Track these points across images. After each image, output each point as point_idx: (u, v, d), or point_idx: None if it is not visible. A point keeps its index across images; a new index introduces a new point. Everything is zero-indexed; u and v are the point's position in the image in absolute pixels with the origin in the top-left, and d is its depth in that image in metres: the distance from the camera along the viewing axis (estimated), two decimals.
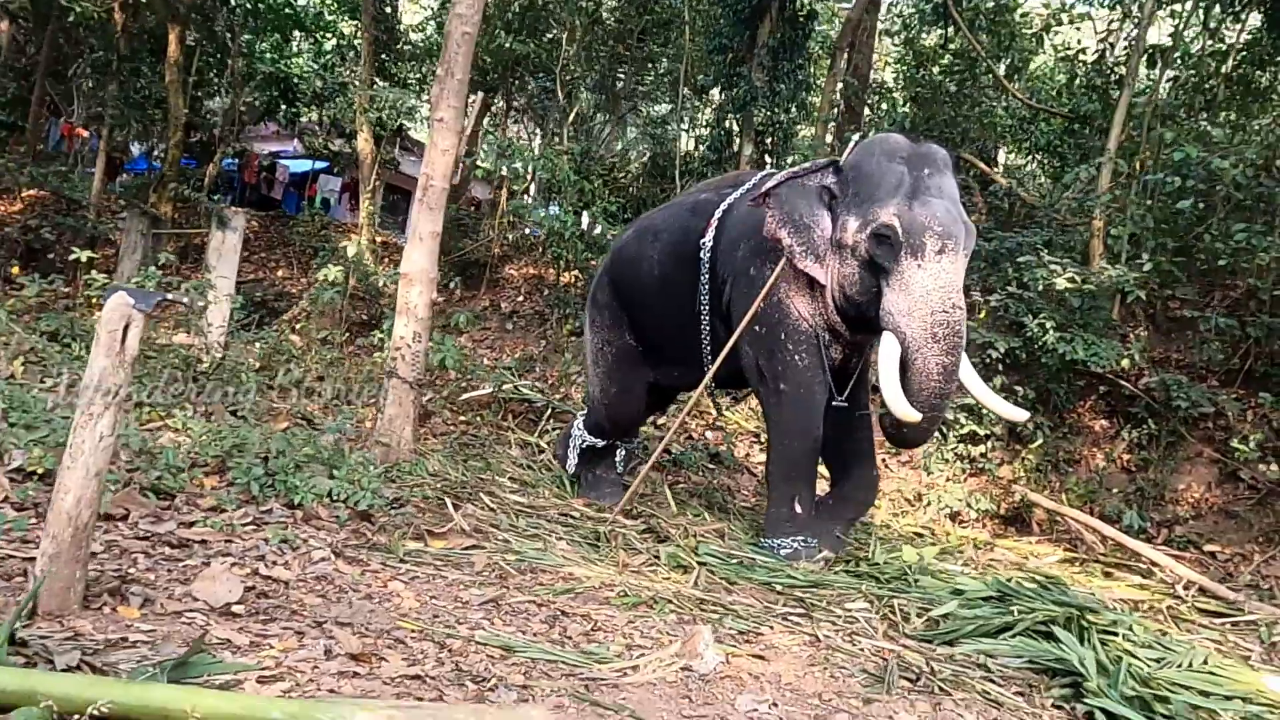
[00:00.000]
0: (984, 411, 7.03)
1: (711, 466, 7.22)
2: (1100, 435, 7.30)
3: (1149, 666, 3.31)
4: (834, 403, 4.50)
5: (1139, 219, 6.95)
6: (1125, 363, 6.77)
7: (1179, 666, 3.37)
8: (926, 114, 10.16)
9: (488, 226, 12.05)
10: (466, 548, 3.64)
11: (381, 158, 13.64)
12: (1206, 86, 7.96)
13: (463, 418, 7.31)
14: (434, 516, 4.09)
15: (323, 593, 2.69)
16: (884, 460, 7.66)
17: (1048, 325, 6.72)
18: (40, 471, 3.19)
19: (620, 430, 5.44)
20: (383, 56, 11.94)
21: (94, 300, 7.84)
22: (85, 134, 13.89)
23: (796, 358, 4.50)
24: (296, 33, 14.64)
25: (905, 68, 10.73)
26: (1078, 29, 9.45)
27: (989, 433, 7.20)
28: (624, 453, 5.81)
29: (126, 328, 2.13)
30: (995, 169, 10.86)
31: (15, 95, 13.92)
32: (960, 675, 2.95)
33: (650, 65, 12.43)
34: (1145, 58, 8.11)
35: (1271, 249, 6.10)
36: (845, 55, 9.21)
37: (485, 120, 14.25)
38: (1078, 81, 8.82)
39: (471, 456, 6.04)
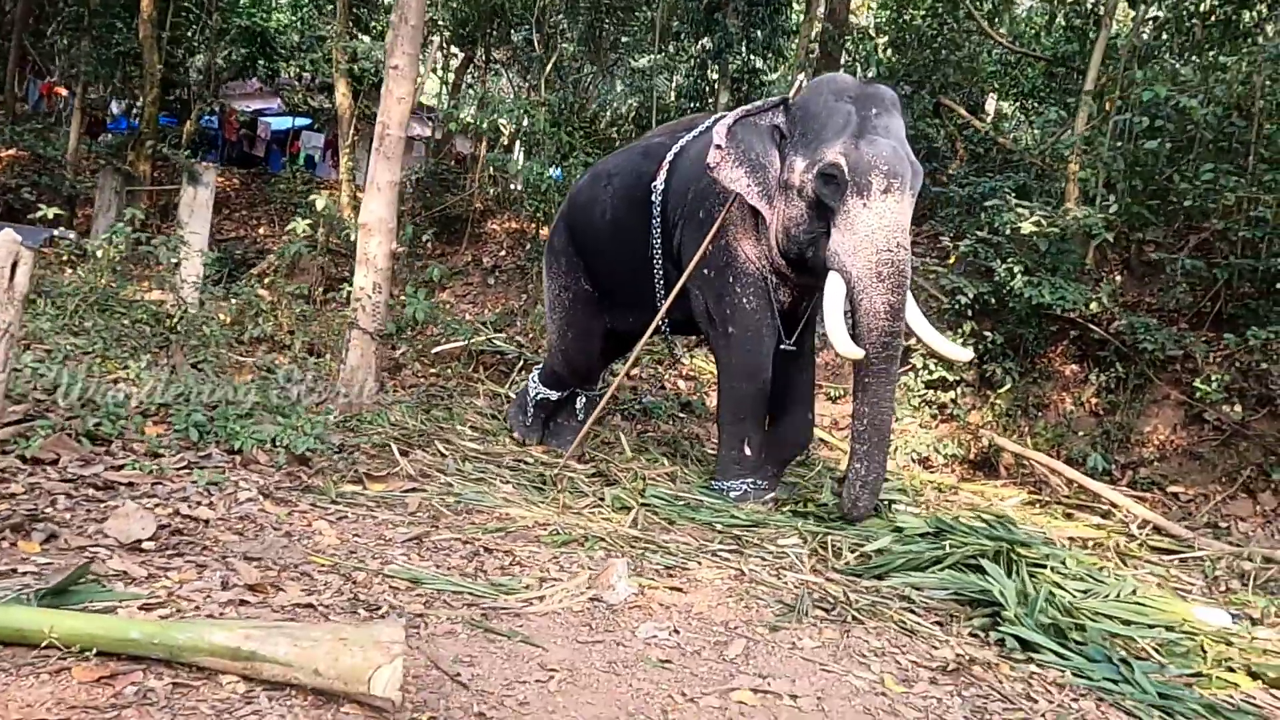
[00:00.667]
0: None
1: (682, 416, 7.26)
2: (1070, 380, 7.31)
3: (1075, 597, 3.36)
4: (782, 346, 4.51)
5: (1110, 161, 6.89)
6: (1094, 306, 6.75)
7: (1105, 598, 3.41)
8: (907, 59, 10.05)
9: (469, 181, 11.98)
10: (406, 490, 3.68)
11: (362, 112, 13.53)
12: (1186, 26, 7.83)
13: (433, 370, 7.34)
14: (382, 462, 4.12)
15: (241, 531, 2.72)
16: (832, 401, 7.70)
17: (1016, 270, 6.70)
18: None
19: (578, 377, 5.44)
20: (358, 9, 11.77)
21: (63, 257, 7.86)
22: (65, 93, 13.81)
23: (744, 300, 4.50)
24: None
25: (887, 11, 10.58)
26: None
27: (958, 378, 7.21)
28: (584, 400, 5.81)
29: (15, 265, 2.14)
30: (984, 115, 10.76)
31: None
32: (879, 605, 2.99)
33: (634, 15, 12.26)
34: None
35: (1239, 189, 6.05)
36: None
37: (468, 74, 14.10)
38: (1057, 23, 8.68)
39: (437, 407, 6.06)
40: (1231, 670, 2.96)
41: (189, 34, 12.23)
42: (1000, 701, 2.31)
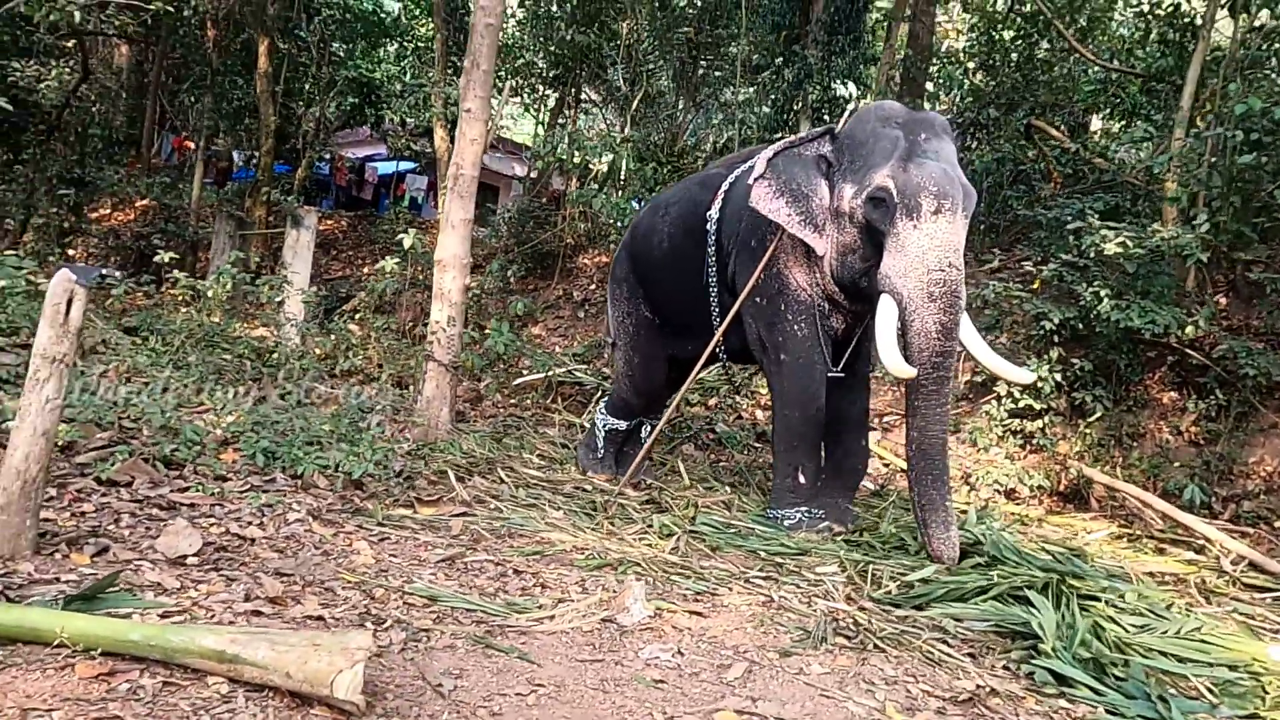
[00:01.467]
0: (1042, 386, 6.81)
1: (757, 445, 7.23)
2: (1169, 408, 6.96)
3: (1129, 632, 3.21)
4: (830, 373, 4.50)
5: (1205, 178, 6.58)
6: (1190, 330, 6.43)
7: (1164, 634, 3.25)
8: (996, 82, 9.84)
9: (561, 217, 12.29)
10: (456, 515, 3.81)
11: None
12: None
13: (513, 401, 7.54)
14: (440, 488, 4.28)
15: (283, 549, 2.89)
16: None
17: (1102, 293, 6.45)
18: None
19: (644, 405, 5.52)
20: (455, 57, 12.31)
21: (179, 297, 8.43)
22: (193, 146, 14.86)
23: (796, 328, 4.52)
24: (385, 39, 15.26)
25: (976, 34, 10.40)
26: None
27: (1045, 407, 6.95)
28: (649, 429, 5.89)
29: (70, 301, 2.36)
30: (1088, 137, 10.40)
31: (133, 113, 15.02)
32: (908, 635, 2.94)
33: (721, 50, 12.42)
34: (1226, 5, 7.64)
35: None
36: (902, 26, 8.99)
37: (567, 113, 14.50)
38: (1152, 37, 8.37)
39: (510, 436, 6.23)
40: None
41: (301, 87, 13.01)
42: None
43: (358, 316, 7.80)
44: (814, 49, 9.09)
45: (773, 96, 9.46)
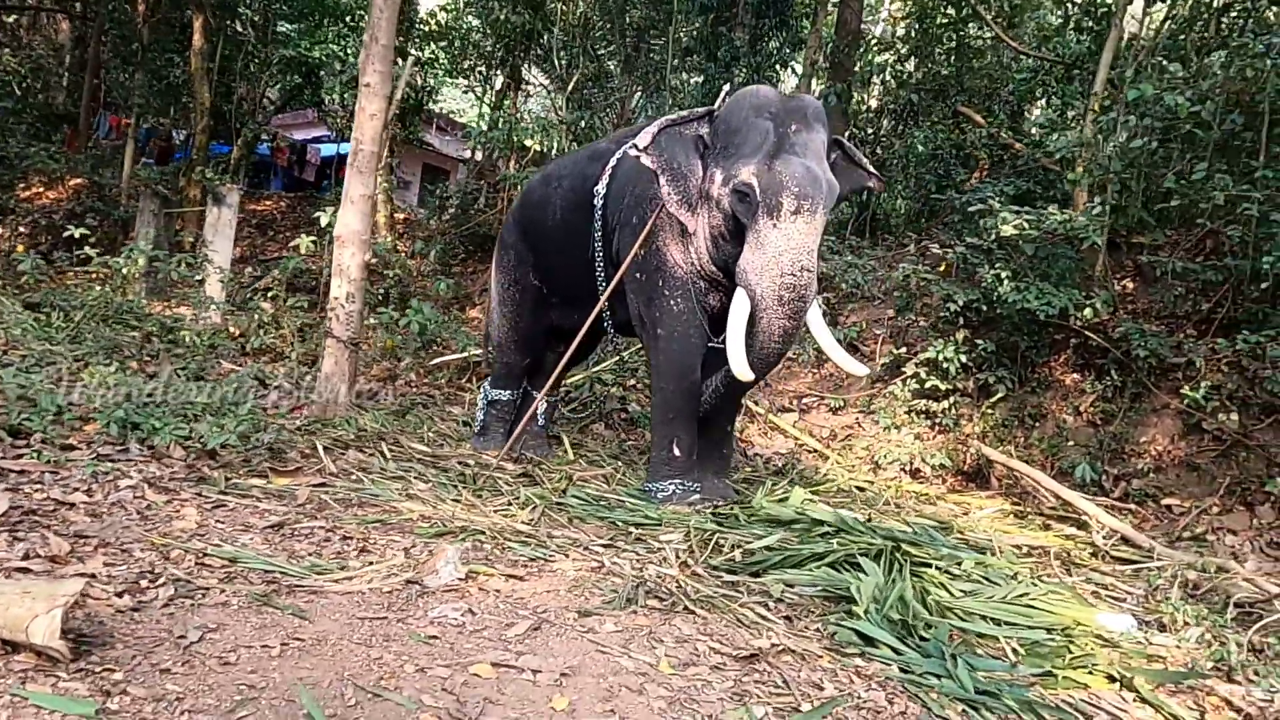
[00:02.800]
0: (948, 367, 6.92)
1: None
2: (1071, 389, 7.08)
3: (955, 596, 3.28)
4: (711, 344, 4.55)
5: (1106, 163, 6.67)
6: (1088, 312, 6.54)
7: (991, 599, 3.32)
8: (927, 68, 9.93)
9: (500, 199, 12.26)
10: (316, 485, 3.80)
11: (407, 136, 14.00)
12: (1200, 24, 7.55)
13: (428, 380, 7.53)
14: (313, 460, 4.27)
15: (100, 514, 2.88)
16: (833, 413, 7.61)
17: (1003, 275, 6.54)
18: None
19: (526, 371, 5.56)
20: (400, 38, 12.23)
21: (93, 274, 8.33)
22: (127, 122, 14.65)
23: (672, 303, 4.56)
24: (328, 20, 15.10)
25: (905, 22, 10.47)
26: None
27: (951, 387, 7.05)
28: (545, 405, 5.92)
29: None
30: (1025, 124, 10.51)
31: (74, 91, 14.78)
32: (727, 598, 2.98)
33: (662, 32, 12.42)
34: None
35: (1229, 188, 5.79)
36: (829, 10, 9.03)
37: (511, 95, 14.44)
38: (1070, 24, 8.47)
39: (415, 414, 6.22)
40: (1090, 672, 2.85)
41: (239, 66, 12.86)
42: (775, 687, 2.29)
43: (270, 294, 7.73)
44: (742, 32, 9.11)
45: (703, 79, 9.48)
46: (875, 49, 9.89)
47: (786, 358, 8.54)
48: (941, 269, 7.20)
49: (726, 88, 4.63)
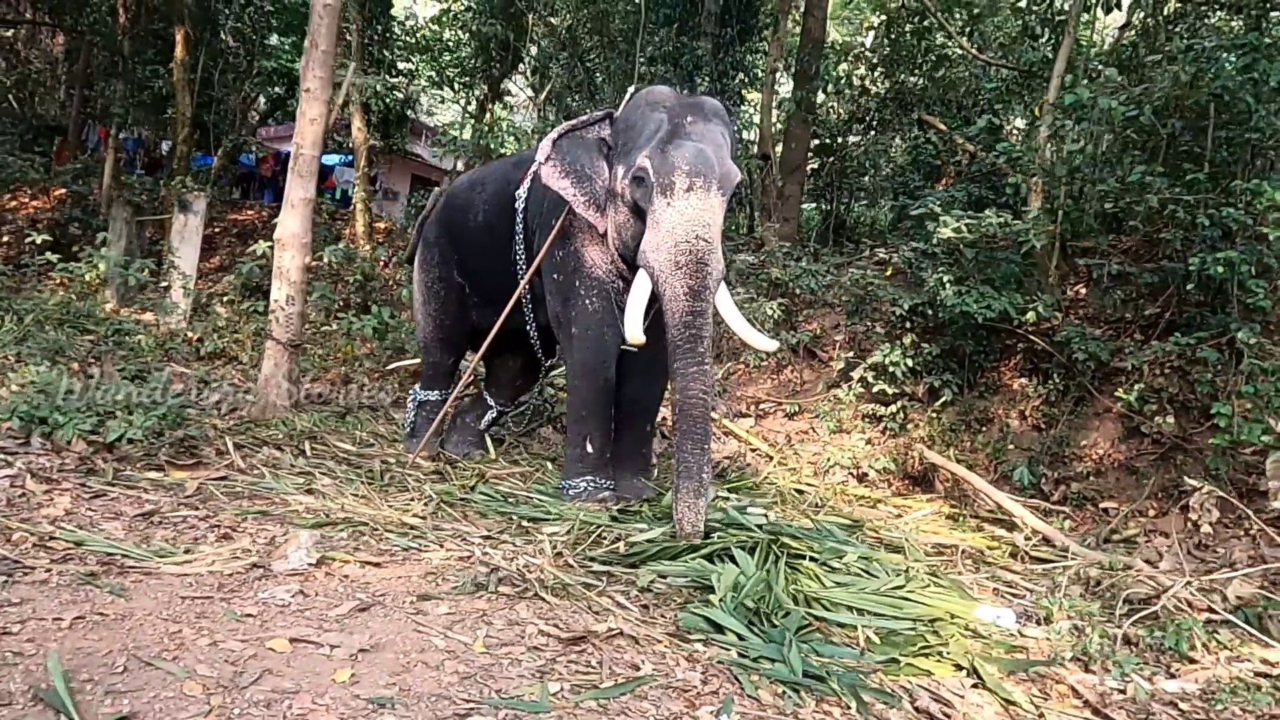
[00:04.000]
0: (895, 371, 6.94)
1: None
2: (1018, 394, 7.08)
3: (826, 587, 3.30)
4: (624, 346, 4.56)
5: (1049, 167, 6.70)
6: (1030, 316, 6.54)
7: (864, 591, 3.34)
8: (894, 78, 9.97)
9: None
10: (212, 479, 3.85)
11: (390, 148, 14.12)
12: (1149, 30, 7.58)
13: (381, 385, 7.58)
14: (224, 457, 4.32)
15: None
16: (789, 418, 7.63)
17: (945, 279, 6.56)
18: None
19: (450, 370, 5.62)
20: (372, 48, 12.36)
21: (59, 280, 8.44)
22: (119, 135, 14.84)
23: (587, 302, 4.60)
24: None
25: (877, 30, 10.53)
26: None
27: (899, 391, 7.07)
28: (494, 414, 5.97)
29: None
30: (1001, 132, 10.53)
31: (66, 103, 15.01)
32: (588, 587, 3.00)
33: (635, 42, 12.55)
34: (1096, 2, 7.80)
35: (1161, 191, 5.80)
36: (788, 20, 9.10)
37: (490, 106, 14.57)
38: (1026, 32, 8.51)
39: (356, 416, 6.28)
40: (939, 660, 2.86)
41: (222, 77, 13.02)
42: (586, 667, 2.31)
43: (225, 299, 7.82)
44: (704, 41, 9.18)
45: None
46: (841, 58, 9.94)
47: (749, 363, 8.59)
48: (889, 273, 7.23)
49: (630, 89, 4.69)
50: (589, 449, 4.59)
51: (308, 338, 8.34)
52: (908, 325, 7.11)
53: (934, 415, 6.93)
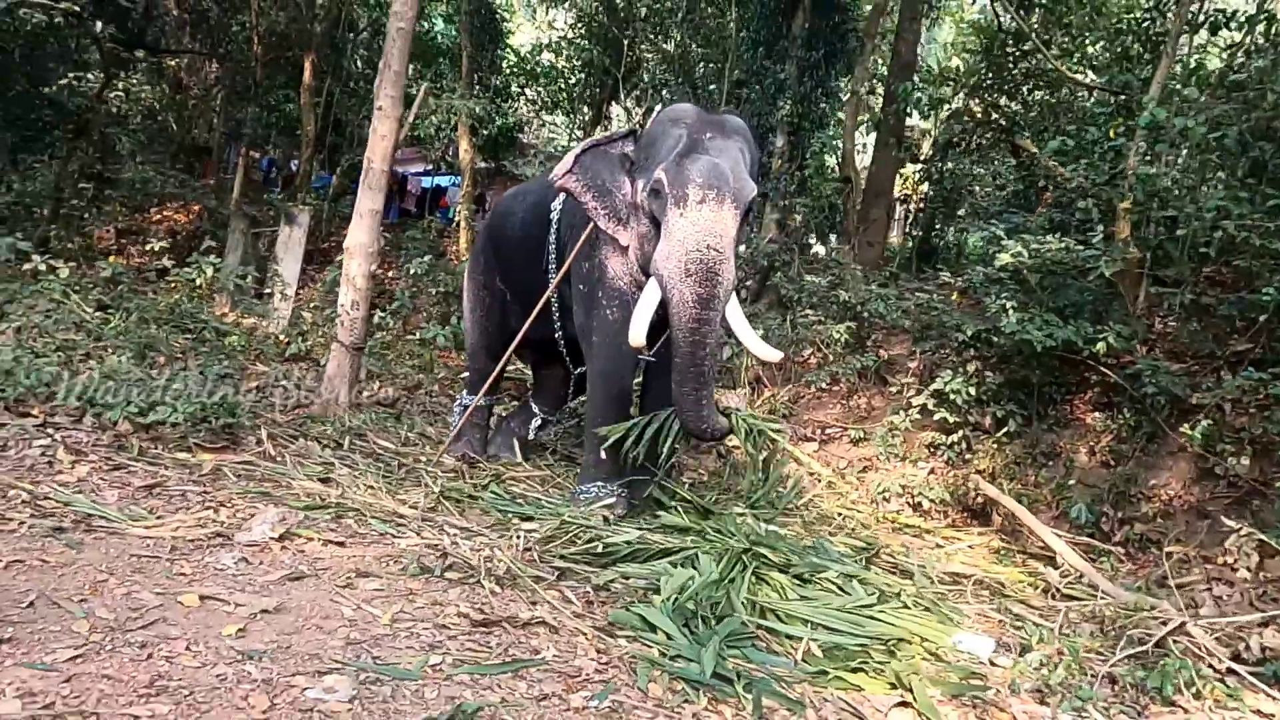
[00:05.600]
0: (959, 400, 6.73)
1: (676, 446, 7.34)
2: (1090, 429, 6.75)
3: (787, 600, 3.27)
4: (641, 358, 4.64)
5: (1126, 191, 6.38)
6: (1100, 346, 6.24)
7: (827, 606, 3.28)
8: (987, 99, 9.69)
9: None
10: (236, 462, 4.13)
11: (499, 169, 14.68)
12: (1251, 52, 7.12)
13: (451, 391, 7.89)
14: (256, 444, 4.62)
15: None
16: (854, 444, 7.48)
17: (1009, 305, 6.34)
18: None
19: (498, 376, 5.79)
20: (481, 73, 12.92)
21: (175, 283, 9.14)
22: (257, 156, 15.97)
23: (608, 312, 4.71)
24: (438, 59, 16.09)
25: (971, 52, 10.29)
26: None
27: (961, 420, 6.85)
28: (539, 421, 6.14)
29: None
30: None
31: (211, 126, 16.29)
32: (538, 579, 3.08)
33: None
34: (1200, 24, 7.42)
35: (1242, 217, 5.44)
36: (875, 42, 9.00)
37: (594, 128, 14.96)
38: (1123, 53, 8.15)
39: (411, 418, 6.57)
40: (873, 678, 2.79)
41: (343, 101, 13.87)
42: (479, 646, 2.39)
43: (312, 305, 8.31)
44: (790, 65, 9.19)
45: (753, 109, 9.60)
46: (936, 81, 9.74)
47: (819, 387, 8.46)
48: (954, 298, 7.02)
49: (658, 108, 4.79)
50: (603, 455, 4.66)
51: (386, 344, 8.76)
52: (972, 352, 6.88)
53: (997, 446, 6.67)
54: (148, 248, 8.80)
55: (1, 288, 6.69)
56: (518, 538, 3.55)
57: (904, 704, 2.65)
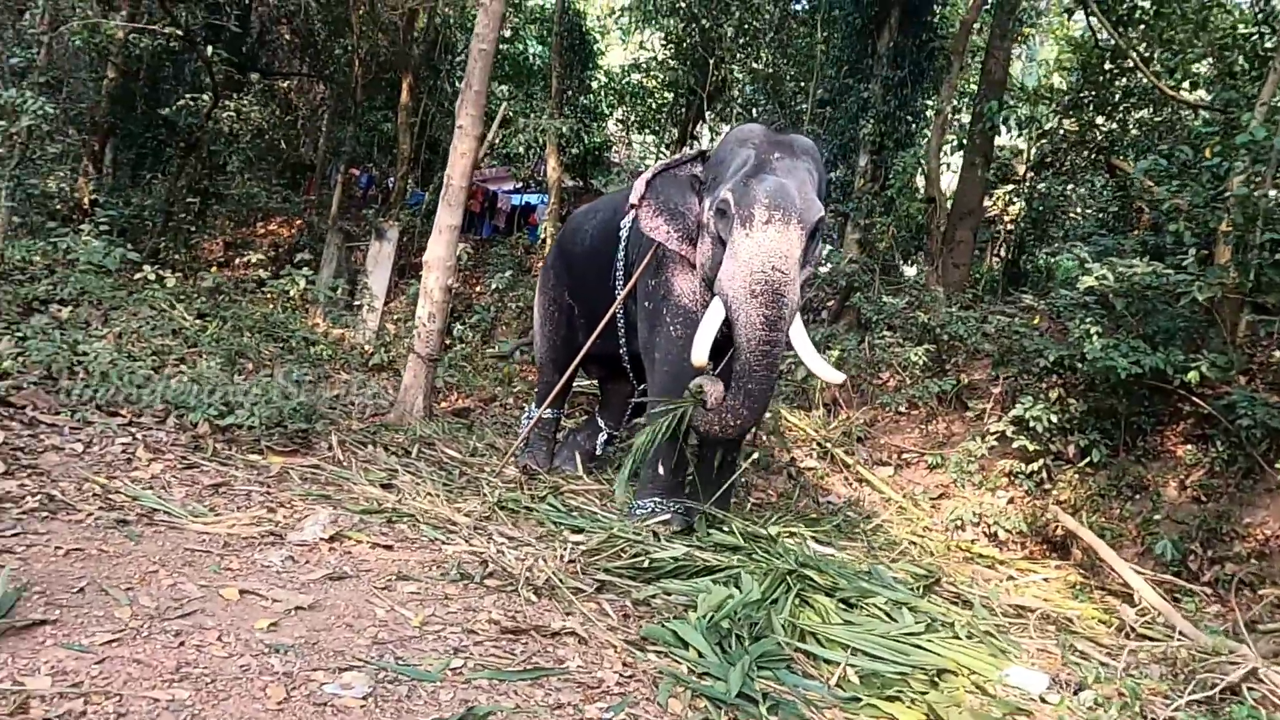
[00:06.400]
0: (1041, 429, 6.52)
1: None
2: (1181, 462, 6.44)
3: (829, 623, 3.21)
4: (706, 375, 4.65)
5: (1229, 213, 6.08)
6: (1192, 375, 5.96)
7: (871, 631, 3.21)
8: (1081, 118, 9.38)
9: None
10: (304, 465, 4.29)
11: (588, 186, 14.92)
12: None
13: (525, 403, 8.01)
14: (325, 449, 4.79)
15: (77, 457, 3.49)
16: (930, 470, 7.30)
17: (1092, 331, 6.11)
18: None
19: (563, 390, 5.86)
20: (569, 93, 13.15)
21: (270, 294, 9.55)
22: (356, 173, 16.59)
23: (672, 329, 4.75)
24: (530, 80, 16.46)
25: (1069, 70, 9.99)
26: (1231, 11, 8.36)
27: (1041, 448, 6.62)
28: (605, 436, 6.20)
29: None
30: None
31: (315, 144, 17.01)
32: (577, 591, 3.10)
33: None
34: None
35: None
36: (957, 61, 8.81)
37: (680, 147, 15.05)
38: (1227, 69, 7.78)
39: (483, 428, 6.71)
40: (908, 707, 2.72)
41: (439, 120, 14.31)
42: (503, 653, 2.42)
43: (396, 318, 8.56)
44: (874, 84, 9.09)
45: (837, 128, 9.53)
46: (1032, 100, 9.48)
47: (897, 410, 8.29)
48: (1036, 321, 6.80)
49: (726, 129, 4.81)
50: (660, 470, 4.68)
51: (465, 357, 8.96)
52: (1054, 378, 6.65)
53: (1080, 477, 6.43)
54: (246, 259, 9.22)
55: (110, 295, 7.11)
56: (563, 549, 3.58)
57: None
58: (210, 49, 10.83)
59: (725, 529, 4.17)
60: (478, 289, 14.06)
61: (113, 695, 1.78)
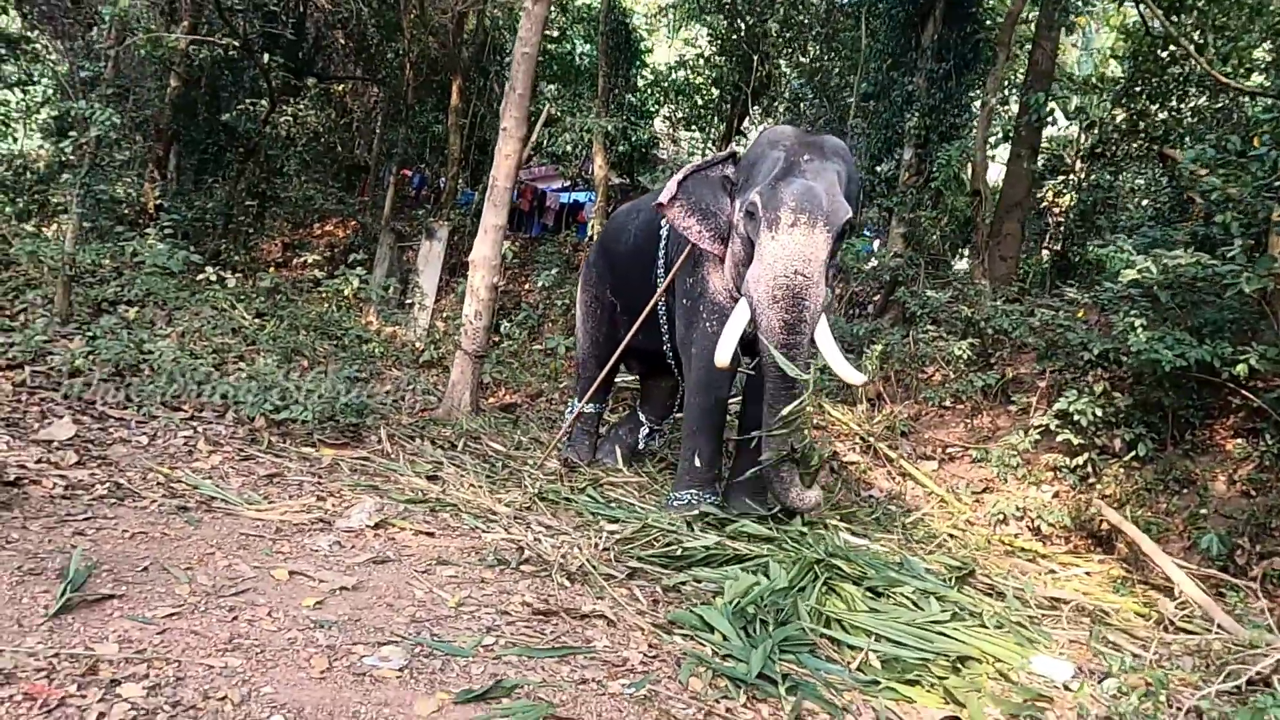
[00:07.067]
0: (1085, 423, 6.48)
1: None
2: (1229, 456, 6.36)
3: (854, 611, 3.29)
4: (740, 368, 4.75)
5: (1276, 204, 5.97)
6: (1240, 368, 5.89)
7: (898, 620, 3.28)
8: (1132, 108, 9.24)
9: None
10: (354, 458, 4.48)
11: (635, 183, 15.06)
12: None
13: (570, 399, 8.17)
14: (375, 442, 4.98)
15: (141, 448, 3.71)
16: (975, 464, 7.29)
17: (1137, 323, 6.06)
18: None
19: (604, 385, 5.98)
20: (615, 91, 13.29)
21: (325, 293, 9.84)
22: (409, 174, 16.94)
23: (708, 325, 4.85)
24: (576, 79, 16.65)
25: (1121, 58, 9.83)
26: None
27: (1085, 442, 6.58)
28: (646, 430, 6.33)
29: None
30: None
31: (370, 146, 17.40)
32: (608, 577, 3.22)
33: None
34: None
35: None
36: (1003, 53, 8.73)
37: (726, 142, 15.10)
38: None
39: (528, 423, 6.87)
40: (926, 691, 2.79)
41: (488, 120, 14.56)
42: (532, 633, 2.55)
43: (445, 316, 8.77)
44: (919, 77, 9.07)
45: (881, 122, 9.52)
46: (1082, 90, 9.36)
47: (941, 404, 8.28)
48: (1080, 314, 6.74)
49: (759, 129, 4.89)
50: (697, 463, 4.78)
51: (513, 353, 9.15)
52: (1099, 371, 6.59)
53: (1126, 471, 6.37)
54: (303, 260, 9.52)
55: (174, 296, 7.42)
56: (598, 537, 3.71)
57: (954, 718, 2.64)
58: (268, 56, 11.21)
59: (757, 519, 4.26)
60: (526, 286, 14.30)
61: (172, 661, 1.95)
